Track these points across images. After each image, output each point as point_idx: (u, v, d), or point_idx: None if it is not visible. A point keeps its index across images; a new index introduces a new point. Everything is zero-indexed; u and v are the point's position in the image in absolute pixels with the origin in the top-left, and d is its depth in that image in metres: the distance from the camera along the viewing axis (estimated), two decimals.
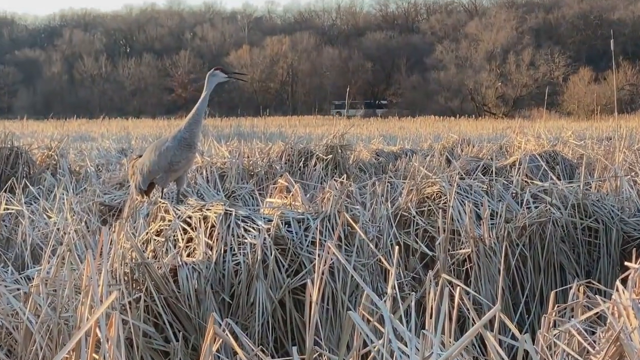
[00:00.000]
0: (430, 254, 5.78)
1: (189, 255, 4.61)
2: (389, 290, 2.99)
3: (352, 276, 4.45)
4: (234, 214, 4.68)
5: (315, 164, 10.36)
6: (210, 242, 4.58)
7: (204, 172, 8.52)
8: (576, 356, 2.96)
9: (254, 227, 4.61)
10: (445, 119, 44.78)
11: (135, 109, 70.99)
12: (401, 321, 2.70)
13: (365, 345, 2.82)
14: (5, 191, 7.50)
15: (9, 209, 6.69)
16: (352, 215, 4.78)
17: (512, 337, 4.13)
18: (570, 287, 3.47)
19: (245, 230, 4.62)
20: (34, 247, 5.89)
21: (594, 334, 3.12)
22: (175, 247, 4.65)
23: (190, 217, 4.77)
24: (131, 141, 18.63)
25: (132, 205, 6.38)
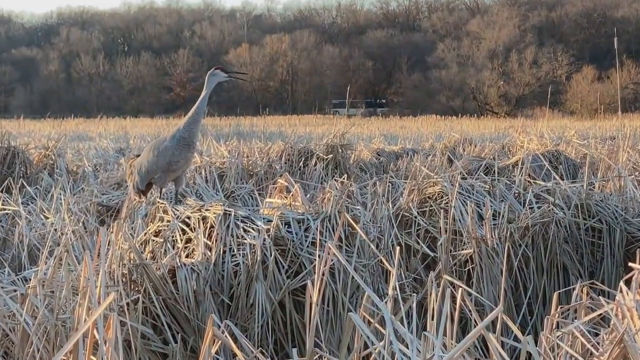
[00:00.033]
0: (431, 254, 5.77)
1: (187, 256, 4.58)
2: (390, 291, 2.97)
3: (352, 277, 4.42)
4: (233, 214, 4.66)
5: (315, 164, 10.34)
6: (209, 242, 4.56)
7: (202, 172, 8.50)
8: (579, 358, 2.94)
9: (253, 228, 4.59)
10: (447, 118, 44.88)
11: (133, 108, 70.81)
12: (402, 323, 2.69)
13: (366, 347, 2.81)
14: (1, 191, 7.48)
15: (5, 209, 6.67)
16: (353, 215, 4.76)
17: (515, 338, 4.10)
18: (573, 288, 3.45)
19: (244, 230, 4.60)
20: (31, 247, 5.87)
21: (597, 335, 3.10)
22: (173, 247, 4.63)
23: (189, 218, 4.74)
24: (129, 141, 18.61)
25: (130, 205, 6.35)
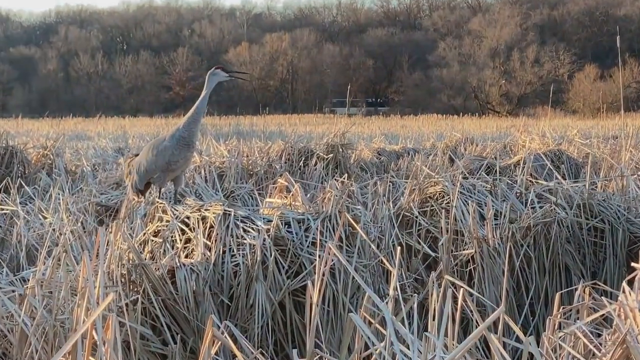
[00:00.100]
0: (432, 254, 5.75)
1: (187, 256, 4.57)
2: (391, 291, 2.96)
3: (353, 277, 4.41)
4: (232, 214, 4.64)
5: (315, 163, 10.33)
6: (208, 242, 4.54)
7: (202, 171, 8.49)
8: (582, 359, 2.92)
9: (253, 228, 4.57)
10: (448, 117, 44.90)
11: (132, 107, 70.78)
12: (403, 323, 2.68)
13: (366, 347, 2.81)
14: (0, 191, 7.46)
15: (3, 209, 6.67)
16: (354, 215, 4.75)
17: (517, 339, 4.09)
18: (575, 289, 3.43)
19: (244, 230, 4.58)
20: (29, 248, 5.86)
21: (599, 336, 3.08)
22: (173, 248, 4.61)
23: (188, 218, 4.73)
24: (128, 140, 18.61)
25: (129, 205, 6.34)
